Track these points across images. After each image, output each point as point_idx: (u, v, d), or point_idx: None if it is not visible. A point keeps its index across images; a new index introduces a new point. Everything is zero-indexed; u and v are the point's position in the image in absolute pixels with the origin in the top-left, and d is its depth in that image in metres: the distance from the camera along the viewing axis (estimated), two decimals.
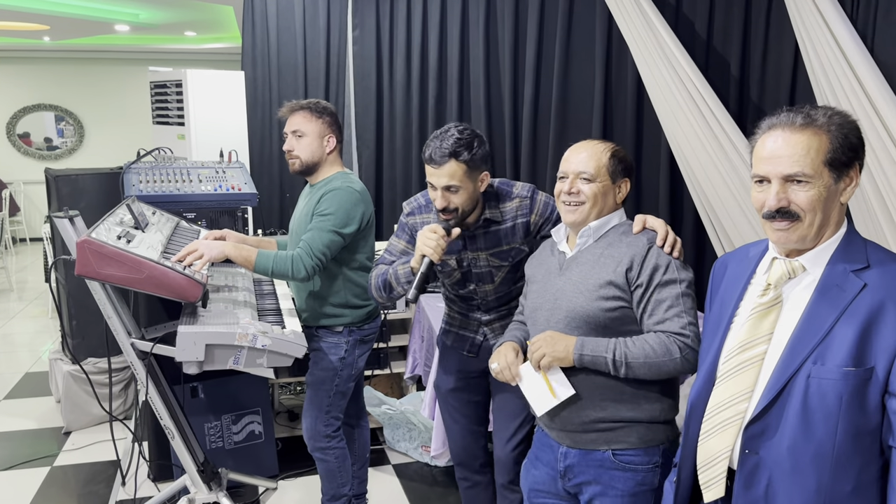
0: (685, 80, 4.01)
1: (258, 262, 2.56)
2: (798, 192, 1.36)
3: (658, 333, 1.78)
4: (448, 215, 2.20)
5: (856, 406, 1.31)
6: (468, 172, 2.16)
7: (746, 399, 1.42)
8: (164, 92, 4.22)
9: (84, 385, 4.06)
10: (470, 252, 2.35)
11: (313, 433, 2.81)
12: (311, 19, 4.36)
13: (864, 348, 1.30)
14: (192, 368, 2.38)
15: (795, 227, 1.38)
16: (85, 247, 2.22)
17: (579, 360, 1.80)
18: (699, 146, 4.05)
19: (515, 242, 2.32)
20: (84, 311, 3.95)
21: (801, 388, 1.34)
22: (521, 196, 2.31)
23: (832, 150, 1.35)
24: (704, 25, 4.34)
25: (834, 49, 3.72)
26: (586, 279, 1.86)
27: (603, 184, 1.88)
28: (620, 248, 1.86)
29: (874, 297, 1.32)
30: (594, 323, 1.83)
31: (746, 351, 1.43)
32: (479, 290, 2.39)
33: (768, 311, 1.43)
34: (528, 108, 4.42)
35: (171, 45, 9.45)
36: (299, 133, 2.73)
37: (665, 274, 1.80)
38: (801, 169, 1.35)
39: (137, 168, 3.36)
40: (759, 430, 1.40)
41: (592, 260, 1.88)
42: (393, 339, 4.15)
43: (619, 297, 1.82)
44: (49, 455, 3.85)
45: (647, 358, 1.76)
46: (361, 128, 4.45)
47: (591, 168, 1.88)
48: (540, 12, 4.34)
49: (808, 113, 1.38)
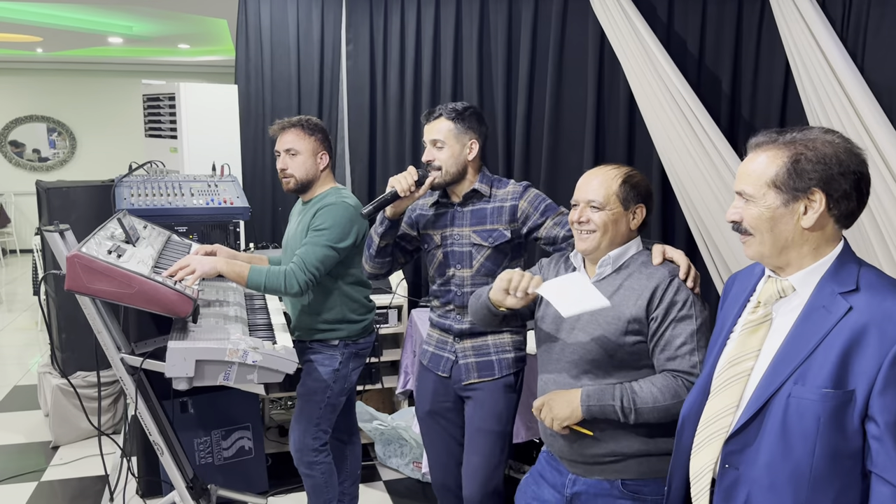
0: (676, 97, 4.03)
1: (250, 277, 2.56)
2: (747, 208, 1.42)
3: (666, 374, 1.78)
4: (432, 171, 2.36)
5: (834, 428, 1.31)
6: (454, 131, 2.36)
7: (731, 413, 1.43)
8: (157, 105, 4.22)
9: (73, 399, 4.03)
10: (456, 228, 2.41)
11: (301, 446, 2.80)
12: (304, 34, 4.37)
13: (845, 371, 1.30)
14: (182, 384, 2.36)
15: (749, 241, 1.44)
16: (75, 262, 2.21)
17: (587, 412, 1.80)
18: (691, 163, 4.07)
19: (499, 224, 2.36)
20: (74, 325, 3.93)
21: (781, 406, 1.35)
22: (515, 185, 2.41)
23: (778, 173, 1.38)
24: (696, 43, 4.37)
25: (824, 67, 3.76)
26: (606, 311, 1.83)
27: (613, 211, 1.86)
28: (641, 279, 1.84)
29: (858, 321, 1.31)
30: (613, 357, 1.82)
31: (736, 366, 1.45)
32: (456, 276, 2.41)
33: (757, 327, 1.45)
34: (520, 123, 4.44)
35: (164, 58, 9.46)
36: (293, 151, 2.73)
37: (682, 310, 1.79)
38: (743, 187, 1.42)
39: (129, 181, 3.35)
40: (738, 446, 1.41)
41: (611, 291, 1.86)
42: (385, 353, 4.13)
43: (639, 331, 1.81)
44: (37, 470, 3.81)
45: (655, 403, 1.76)
46: (355, 142, 4.46)
47: (601, 196, 1.86)
48: (533, 28, 4.37)
49: (777, 134, 1.43)
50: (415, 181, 2.30)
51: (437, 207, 2.47)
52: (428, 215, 2.49)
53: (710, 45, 4.39)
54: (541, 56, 4.42)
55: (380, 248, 2.44)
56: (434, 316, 2.56)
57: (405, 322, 4.12)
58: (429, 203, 2.50)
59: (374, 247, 2.45)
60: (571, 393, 1.82)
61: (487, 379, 2.41)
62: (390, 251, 2.47)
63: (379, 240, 2.41)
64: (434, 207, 2.48)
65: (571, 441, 1.88)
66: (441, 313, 2.51)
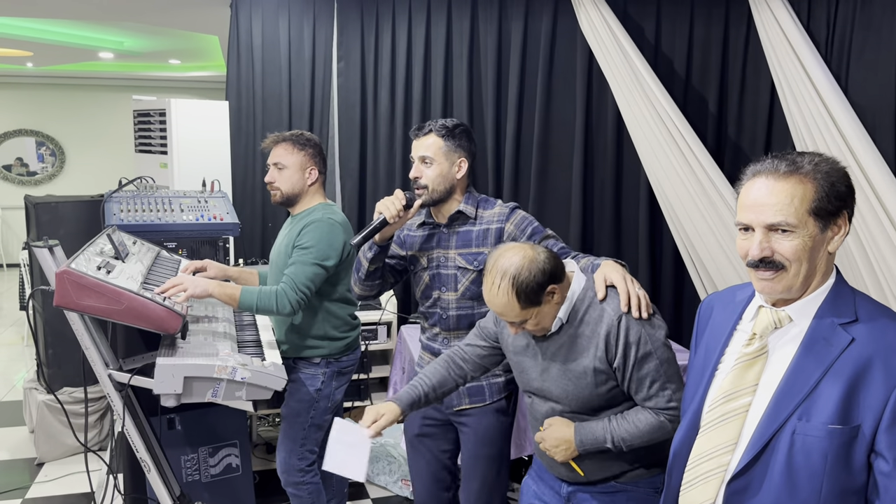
0: (663, 116, 4.08)
1: (242, 299, 2.55)
2: (782, 241, 1.31)
3: (647, 410, 1.80)
4: (419, 190, 2.30)
5: (841, 465, 1.27)
6: (444, 149, 2.31)
7: (730, 451, 1.38)
8: (148, 120, 4.22)
9: (59, 415, 4.00)
10: (441, 250, 2.37)
11: (287, 467, 2.78)
12: (296, 50, 4.40)
13: (851, 405, 1.26)
14: (170, 401, 2.35)
15: (780, 276, 1.33)
16: (65, 278, 2.20)
17: (583, 450, 1.83)
18: (678, 181, 4.11)
19: (485, 247, 2.32)
20: (61, 340, 3.91)
21: (786, 444, 1.30)
22: (502, 206, 2.37)
23: (818, 198, 1.30)
24: (683, 64, 4.43)
25: (809, 89, 3.81)
26: (569, 366, 1.82)
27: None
28: (590, 325, 1.79)
29: (862, 353, 1.28)
30: (591, 405, 1.84)
31: (731, 402, 1.39)
32: (442, 299, 2.38)
33: (753, 361, 1.39)
34: (510, 142, 4.47)
35: (155, 73, 9.46)
36: (280, 165, 2.74)
37: (639, 350, 1.75)
38: (785, 218, 1.30)
39: (119, 197, 3.35)
40: (742, 486, 1.35)
41: (568, 343, 1.82)
42: (374, 370, 4.13)
43: (609, 379, 1.80)
44: (21, 487, 3.77)
45: (641, 436, 1.79)
46: (345, 158, 4.48)
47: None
48: (522, 48, 4.42)
49: (793, 160, 1.33)
50: (402, 206, 2.25)
51: (424, 228, 2.43)
52: (415, 237, 2.44)
53: (696, 66, 4.45)
54: (530, 75, 4.46)
55: (369, 272, 2.39)
56: (424, 338, 2.53)
57: (394, 338, 4.11)
58: (416, 224, 2.46)
59: (363, 270, 2.39)
60: (566, 432, 1.84)
61: (479, 405, 2.39)
62: (380, 273, 2.42)
63: (368, 264, 2.36)
64: (421, 228, 2.44)
65: (566, 469, 1.93)
66: (430, 336, 2.48)
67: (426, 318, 2.48)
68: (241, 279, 3.00)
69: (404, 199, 2.26)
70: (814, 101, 3.79)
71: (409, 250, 2.46)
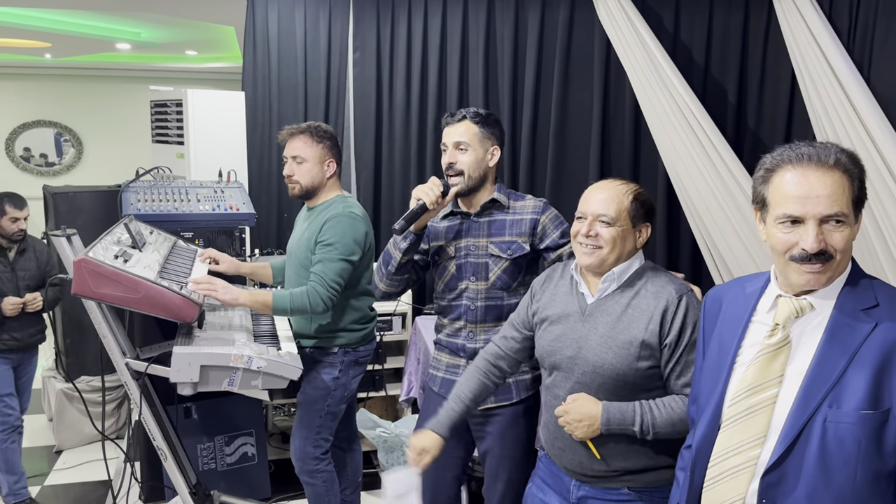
0: (682, 107, 4.04)
1: (276, 304, 2.54)
2: (833, 233, 1.30)
3: (684, 398, 1.75)
4: (455, 177, 2.27)
5: (873, 450, 1.27)
6: (479, 135, 2.29)
7: (759, 445, 1.36)
8: (164, 111, 4.23)
9: (77, 403, 4.04)
10: (471, 239, 2.32)
11: (302, 454, 2.79)
12: (312, 41, 4.39)
13: (880, 390, 1.27)
14: (187, 390, 2.36)
15: (827, 268, 1.32)
16: (82, 266, 2.22)
17: (606, 430, 1.77)
18: (696, 172, 4.07)
19: (518, 237, 2.29)
20: (79, 329, 3.94)
21: (818, 433, 1.29)
22: (535, 199, 2.35)
23: (854, 189, 1.32)
24: (702, 53, 4.38)
25: (831, 79, 3.76)
26: (615, 334, 1.78)
27: (623, 228, 1.79)
28: (648, 299, 1.78)
29: (886, 337, 1.28)
30: (623, 381, 1.78)
31: (756, 394, 1.37)
32: (470, 288, 2.32)
33: (777, 352, 1.37)
34: (526, 132, 4.44)
35: (171, 64, 9.50)
36: (299, 159, 2.72)
37: (694, 333, 1.73)
38: (840, 209, 1.29)
39: (136, 187, 3.36)
40: (776, 479, 1.33)
41: (619, 311, 1.80)
42: (389, 361, 4.13)
43: (652, 356, 1.77)
44: (40, 474, 3.81)
45: (673, 425, 1.74)
46: (360, 149, 4.47)
47: (612, 211, 1.78)
48: (539, 37, 4.38)
49: (830, 150, 1.33)
50: (441, 192, 2.20)
51: (450, 219, 2.37)
52: (439, 227, 2.38)
53: (715, 56, 4.40)
54: (547, 65, 4.43)
55: (400, 264, 2.29)
56: (442, 336, 2.44)
57: (409, 329, 4.12)
58: (440, 215, 2.40)
59: (393, 263, 2.29)
60: (594, 411, 1.78)
61: (506, 403, 2.32)
62: (409, 267, 2.34)
63: (401, 256, 2.27)
64: (447, 219, 2.38)
65: (579, 457, 1.86)
66: (450, 332, 2.40)
67: (447, 313, 2.40)
68: (255, 274, 3.00)
69: (441, 186, 2.21)
70: (835, 92, 3.73)
71: (433, 241, 2.40)
